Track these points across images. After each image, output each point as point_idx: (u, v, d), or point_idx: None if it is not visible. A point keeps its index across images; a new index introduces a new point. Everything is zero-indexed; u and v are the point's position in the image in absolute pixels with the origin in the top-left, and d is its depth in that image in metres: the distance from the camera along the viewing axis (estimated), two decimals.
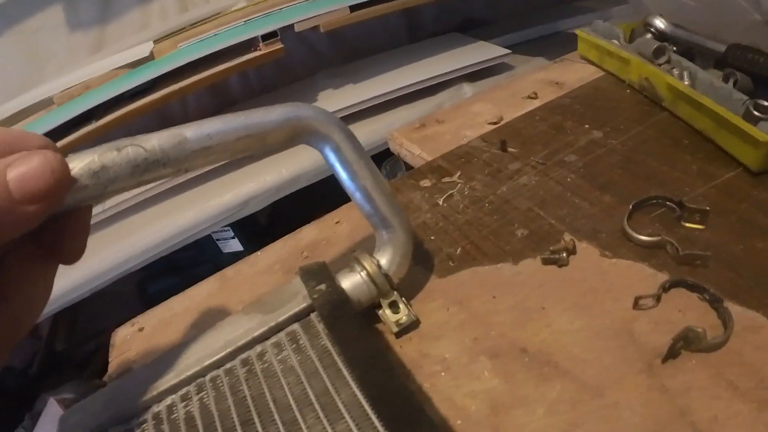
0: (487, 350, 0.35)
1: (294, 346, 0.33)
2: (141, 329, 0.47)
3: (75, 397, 0.30)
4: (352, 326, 0.32)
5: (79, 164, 0.24)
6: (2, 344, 0.24)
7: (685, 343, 0.31)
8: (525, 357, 0.34)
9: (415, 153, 0.61)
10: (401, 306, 0.37)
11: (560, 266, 0.39)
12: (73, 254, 0.26)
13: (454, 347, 0.36)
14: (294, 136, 0.34)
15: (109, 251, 0.86)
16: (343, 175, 0.37)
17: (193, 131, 0.29)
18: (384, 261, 0.37)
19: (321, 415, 0.28)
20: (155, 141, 0.27)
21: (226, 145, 0.30)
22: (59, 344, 1.20)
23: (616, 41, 0.65)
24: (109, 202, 0.87)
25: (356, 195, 0.37)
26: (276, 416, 0.29)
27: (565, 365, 0.33)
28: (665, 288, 0.35)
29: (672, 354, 0.31)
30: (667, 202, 0.42)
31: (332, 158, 0.36)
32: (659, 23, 0.64)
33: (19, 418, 0.90)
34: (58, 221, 0.25)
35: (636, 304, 0.34)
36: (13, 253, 0.24)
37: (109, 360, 0.45)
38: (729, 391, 0.29)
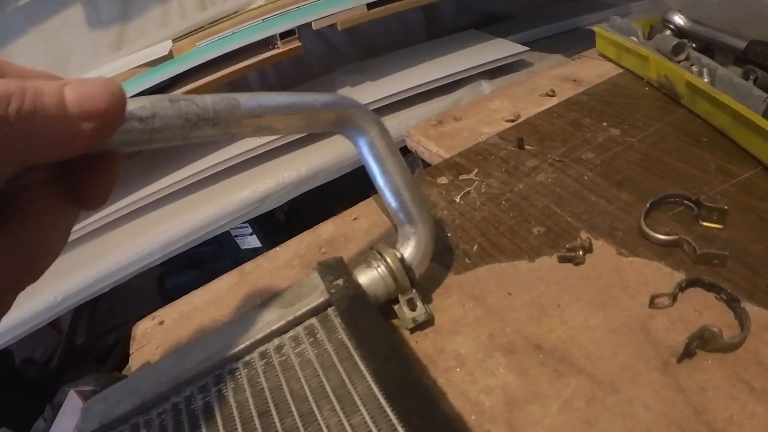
0: (502, 346, 0.35)
1: (311, 339, 0.33)
2: (161, 323, 0.48)
3: (94, 389, 0.31)
4: (369, 321, 0.32)
5: (130, 106, 0.23)
6: (10, 286, 0.22)
7: (701, 342, 0.31)
8: (540, 353, 0.34)
9: (432, 150, 0.61)
10: (418, 303, 0.37)
11: (576, 264, 0.39)
12: (96, 200, 0.24)
13: (470, 343, 0.36)
14: (336, 122, 0.35)
15: (130, 246, 0.87)
16: (374, 169, 0.38)
17: (246, 98, 0.29)
18: (407, 254, 0.38)
19: (337, 407, 0.29)
20: (209, 100, 0.27)
21: (274, 118, 0.31)
22: (79, 337, 1.22)
23: (634, 38, 0.65)
24: (129, 199, 0.88)
25: (385, 189, 0.38)
26: (293, 408, 0.30)
27: (579, 362, 0.33)
28: (682, 287, 0.35)
29: (687, 353, 0.31)
30: (685, 201, 0.42)
31: (365, 151, 0.37)
32: (678, 19, 0.63)
33: (40, 409, 0.93)
34: (91, 162, 0.23)
35: (652, 303, 0.34)
36: (35, 189, 0.23)
37: (130, 352, 0.46)
38: (745, 392, 0.29)
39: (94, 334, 1.25)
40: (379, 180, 0.38)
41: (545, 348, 0.34)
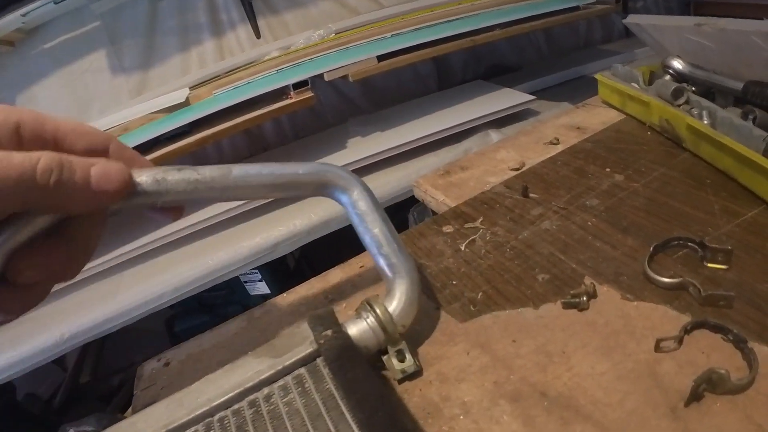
0: (507, 394, 0.35)
1: (300, 389, 0.33)
2: (167, 364, 0.48)
3: (94, 430, 0.31)
4: (358, 371, 0.33)
5: (147, 173, 0.32)
6: (56, 277, 0.31)
7: (709, 385, 0.31)
8: (545, 401, 0.33)
9: (438, 199, 0.62)
10: (407, 355, 0.38)
11: (581, 310, 0.39)
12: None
13: (475, 391, 0.36)
14: (319, 186, 0.41)
15: (141, 287, 0.87)
16: (358, 226, 0.41)
17: (238, 169, 0.36)
18: (392, 307, 0.38)
19: None
20: (208, 170, 0.35)
21: (260, 187, 0.37)
22: (84, 376, 1.21)
23: (635, 84, 0.66)
24: (142, 240, 0.90)
25: (369, 245, 0.41)
26: None
27: (586, 409, 0.32)
28: (687, 330, 0.35)
29: (695, 397, 0.30)
30: (689, 243, 0.42)
31: (349, 210, 0.42)
32: (677, 65, 0.64)
33: None
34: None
35: (657, 347, 0.34)
36: None
37: (134, 392, 0.46)
38: None
39: (100, 374, 1.24)
40: (362, 232, 0.41)
41: (551, 395, 0.34)
